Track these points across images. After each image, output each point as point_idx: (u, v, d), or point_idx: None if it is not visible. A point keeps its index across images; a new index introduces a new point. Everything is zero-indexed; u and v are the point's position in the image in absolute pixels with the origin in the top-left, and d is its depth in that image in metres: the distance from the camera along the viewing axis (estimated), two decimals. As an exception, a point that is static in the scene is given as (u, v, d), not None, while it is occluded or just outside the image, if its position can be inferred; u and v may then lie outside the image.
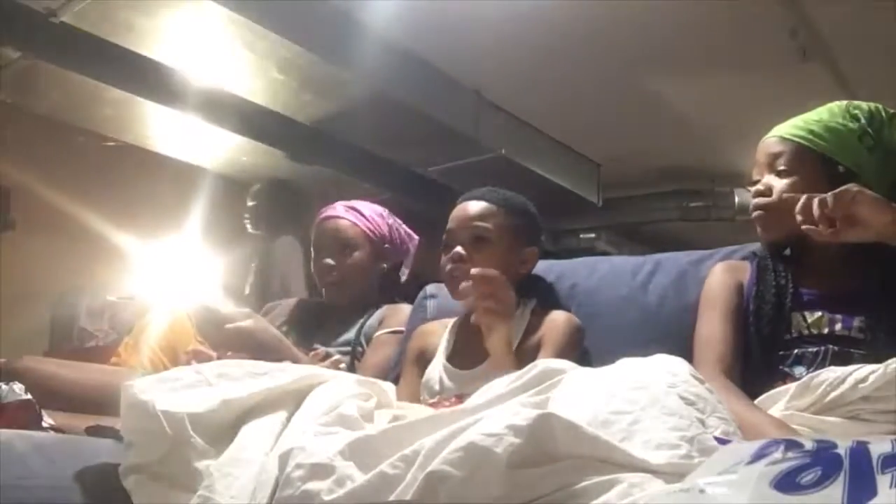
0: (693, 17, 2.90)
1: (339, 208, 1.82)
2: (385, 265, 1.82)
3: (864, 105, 1.26)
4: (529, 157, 3.92)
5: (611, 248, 4.95)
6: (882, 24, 2.74)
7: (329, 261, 1.74)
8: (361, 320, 1.74)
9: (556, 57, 3.22)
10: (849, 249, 1.19)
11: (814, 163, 1.22)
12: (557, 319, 1.40)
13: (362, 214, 1.81)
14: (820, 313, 1.18)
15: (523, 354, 1.32)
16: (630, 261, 1.63)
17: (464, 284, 1.28)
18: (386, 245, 1.82)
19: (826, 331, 1.17)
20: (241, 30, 2.76)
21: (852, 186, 1.09)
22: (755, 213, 1.29)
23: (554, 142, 4.11)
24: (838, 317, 1.17)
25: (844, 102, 1.27)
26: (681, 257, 1.56)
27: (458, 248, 1.41)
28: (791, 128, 1.27)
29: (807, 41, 2.98)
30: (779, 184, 1.25)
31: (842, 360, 1.12)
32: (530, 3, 2.85)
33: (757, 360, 1.20)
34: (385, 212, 1.88)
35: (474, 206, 1.44)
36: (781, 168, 1.25)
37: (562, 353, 1.28)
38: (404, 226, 1.91)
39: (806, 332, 1.18)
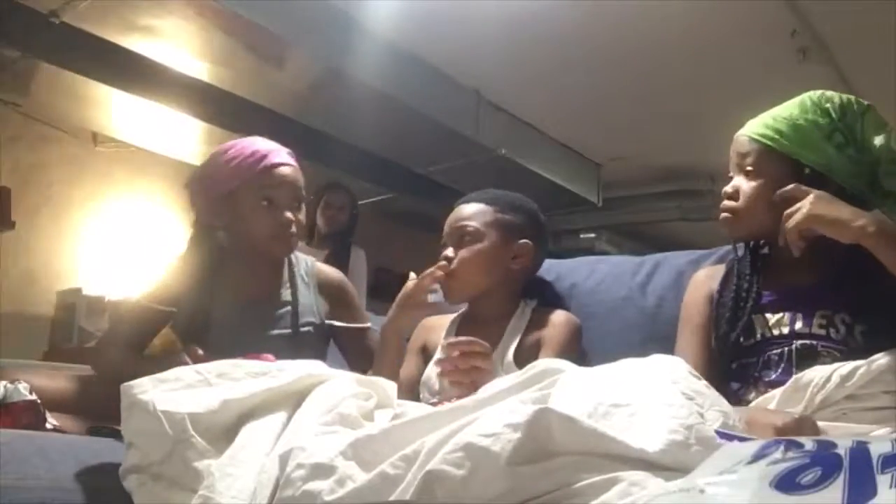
0: (693, 18, 2.91)
1: (284, 153, 1.60)
2: None
3: (836, 98, 1.21)
4: (529, 157, 3.92)
5: (611, 248, 4.96)
6: (882, 23, 2.74)
7: (289, 214, 1.54)
8: (286, 274, 1.60)
9: (555, 57, 3.22)
10: (807, 246, 1.16)
11: (780, 164, 1.19)
12: (558, 319, 1.40)
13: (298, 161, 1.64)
14: (781, 314, 1.18)
15: (524, 353, 1.33)
16: (630, 261, 1.63)
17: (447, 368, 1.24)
18: None
19: (787, 330, 1.16)
20: (242, 30, 2.76)
21: (797, 216, 1.08)
22: (722, 216, 1.27)
23: (554, 142, 4.12)
24: (799, 315, 1.16)
25: (818, 94, 1.22)
26: (680, 257, 1.56)
27: (447, 251, 1.42)
28: (760, 126, 1.23)
29: (807, 41, 2.99)
30: (746, 186, 1.22)
31: (807, 357, 1.12)
32: (530, 3, 2.85)
33: (725, 367, 1.20)
34: None
35: (464, 209, 1.46)
36: (749, 169, 1.22)
37: (562, 353, 1.29)
38: None
39: (769, 333, 1.18)
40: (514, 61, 3.29)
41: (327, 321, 1.60)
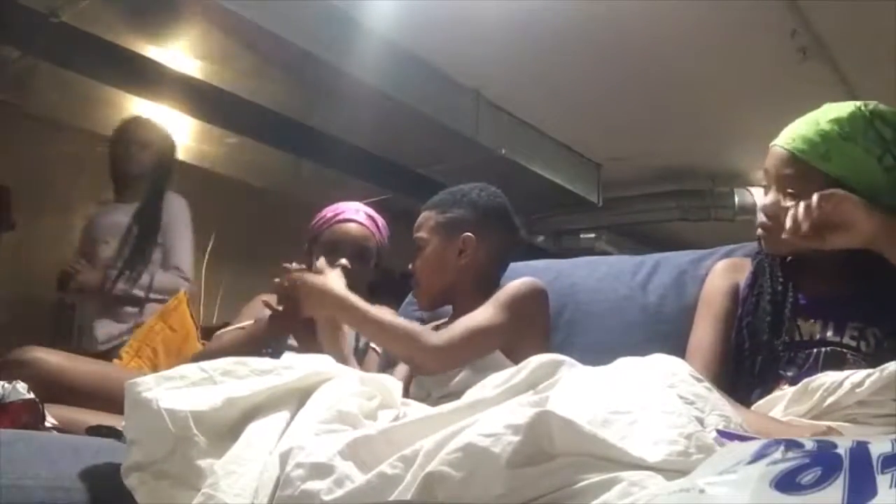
0: (693, 18, 2.90)
1: (360, 214, 1.85)
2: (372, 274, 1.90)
3: (890, 116, 1.15)
4: (529, 157, 3.92)
5: (611, 248, 4.96)
6: (882, 24, 2.74)
7: (343, 262, 1.74)
8: None
9: (555, 57, 3.22)
10: (844, 256, 1.18)
11: (826, 184, 1.12)
12: (511, 285, 1.39)
13: (377, 226, 1.87)
14: (813, 319, 1.18)
15: None
16: (630, 261, 1.63)
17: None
18: (381, 254, 1.89)
19: (818, 337, 1.16)
20: (242, 30, 2.76)
21: (838, 191, 1.07)
22: (760, 232, 1.24)
23: (554, 142, 4.11)
24: (831, 323, 1.16)
25: (870, 109, 1.16)
26: (681, 257, 1.56)
27: (410, 265, 1.50)
28: (804, 142, 1.17)
29: (807, 41, 2.98)
30: (788, 206, 1.15)
31: (834, 362, 1.12)
32: (530, 3, 2.85)
33: (749, 363, 1.20)
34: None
35: (418, 220, 1.52)
36: (791, 191, 1.17)
37: (498, 310, 1.32)
38: None
39: (798, 337, 1.18)
40: (514, 61, 3.29)
41: (372, 343, 1.80)
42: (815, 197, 1.06)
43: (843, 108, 1.18)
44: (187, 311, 3.18)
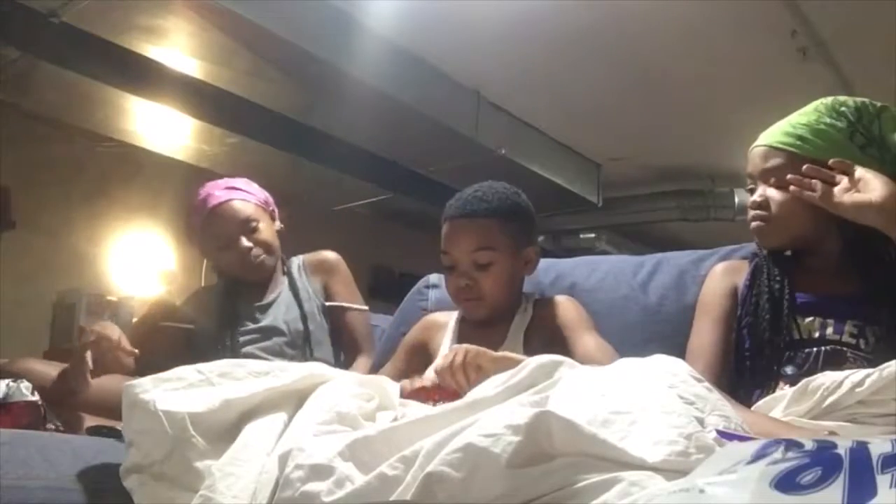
0: (693, 17, 2.91)
1: (220, 194, 1.78)
2: (279, 225, 1.87)
3: (850, 101, 1.22)
4: (529, 157, 3.92)
5: (611, 248, 4.96)
6: (882, 24, 2.74)
7: (246, 242, 1.74)
8: (284, 279, 1.80)
9: (556, 57, 3.22)
10: (844, 252, 1.20)
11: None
12: (567, 304, 1.42)
13: (242, 189, 1.82)
14: (812, 318, 1.18)
15: (533, 345, 1.34)
16: (630, 260, 1.63)
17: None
18: (272, 208, 1.87)
19: (817, 335, 1.17)
20: (242, 30, 2.76)
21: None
22: (753, 225, 1.27)
23: (554, 142, 4.11)
24: (830, 321, 1.17)
25: (830, 100, 1.24)
26: (681, 257, 1.56)
27: (464, 278, 1.38)
28: (780, 135, 1.24)
29: (807, 41, 2.99)
30: (777, 196, 1.22)
31: (835, 361, 1.13)
32: (530, 3, 2.85)
33: (750, 363, 1.20)
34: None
35: (472, 228, 1.38)
36: (775, 181, 1.22)
37: (592, 330, 1.36)
38: None
39: (798, 336, 1.18)
40: (514, 61, 3.29)
41: (327, 303, 1.79)
42: (833, 162, 1.12)
43: (807, 106, 1.26)
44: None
